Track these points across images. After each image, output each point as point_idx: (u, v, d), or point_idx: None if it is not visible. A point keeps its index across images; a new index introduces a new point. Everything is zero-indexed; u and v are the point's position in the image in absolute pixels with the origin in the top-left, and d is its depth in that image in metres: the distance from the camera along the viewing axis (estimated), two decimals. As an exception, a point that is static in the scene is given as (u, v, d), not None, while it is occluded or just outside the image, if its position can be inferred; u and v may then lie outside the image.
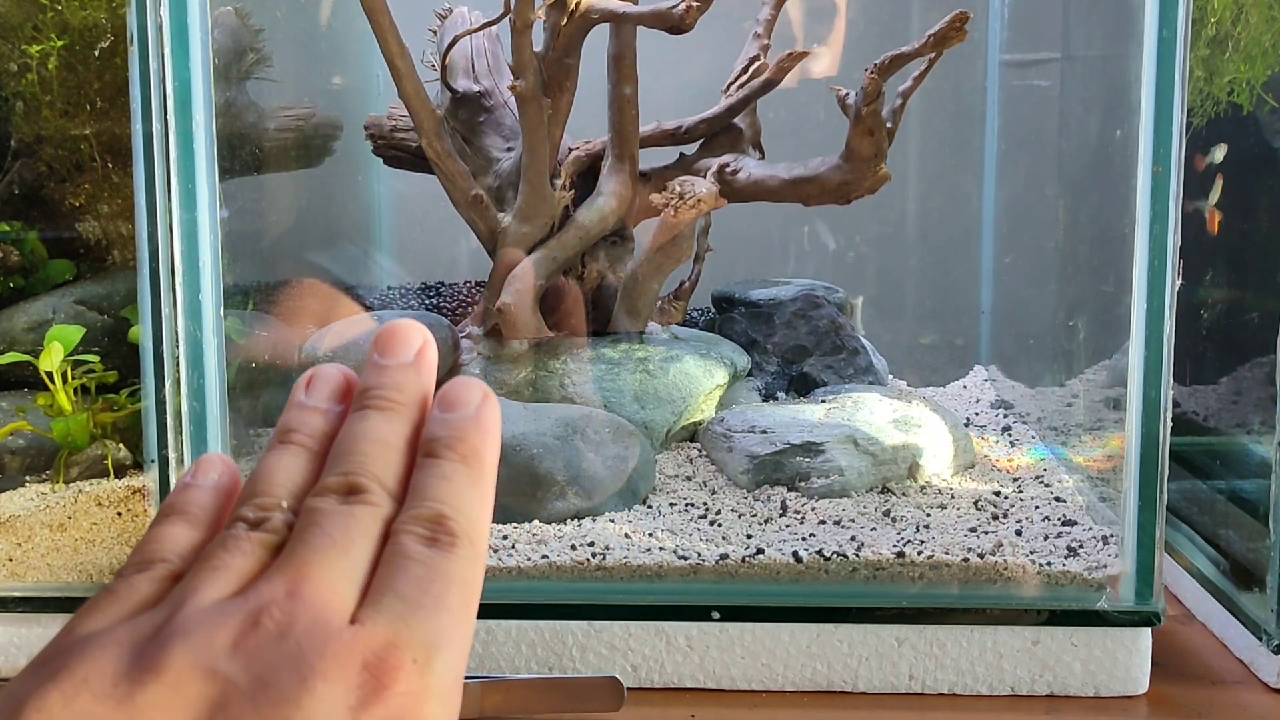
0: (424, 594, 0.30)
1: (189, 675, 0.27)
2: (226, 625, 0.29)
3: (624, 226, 1.10)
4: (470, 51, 1.11)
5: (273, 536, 0.32)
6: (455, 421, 0.34)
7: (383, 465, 0.33)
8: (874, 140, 0.95)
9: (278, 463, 0.34)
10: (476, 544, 0.32)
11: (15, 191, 1.02)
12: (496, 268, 1.06)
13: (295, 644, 0.28)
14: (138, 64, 0.80)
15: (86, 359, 0.96)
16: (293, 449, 0.35)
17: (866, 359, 1.19)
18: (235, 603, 0.30)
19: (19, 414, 0.96)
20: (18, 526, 0.89)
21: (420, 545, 0.31)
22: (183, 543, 0.34)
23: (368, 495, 0.32)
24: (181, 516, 0.34)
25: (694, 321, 1.25)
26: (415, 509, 0.32)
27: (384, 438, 0.34)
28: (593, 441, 0.94)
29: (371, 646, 0.29)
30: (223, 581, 0.31)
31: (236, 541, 0.32)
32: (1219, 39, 0.98)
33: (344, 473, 0.33)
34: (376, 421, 0.34)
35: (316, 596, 0.30)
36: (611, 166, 1.07)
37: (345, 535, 0.31)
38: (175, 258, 0.82)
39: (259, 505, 0.33)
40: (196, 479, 0.36)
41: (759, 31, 1.10)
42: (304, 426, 0.35)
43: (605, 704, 0.77)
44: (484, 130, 1.10)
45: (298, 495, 0.34)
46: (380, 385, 0.35)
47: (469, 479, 0.33)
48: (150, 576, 0.32)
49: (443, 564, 0.31)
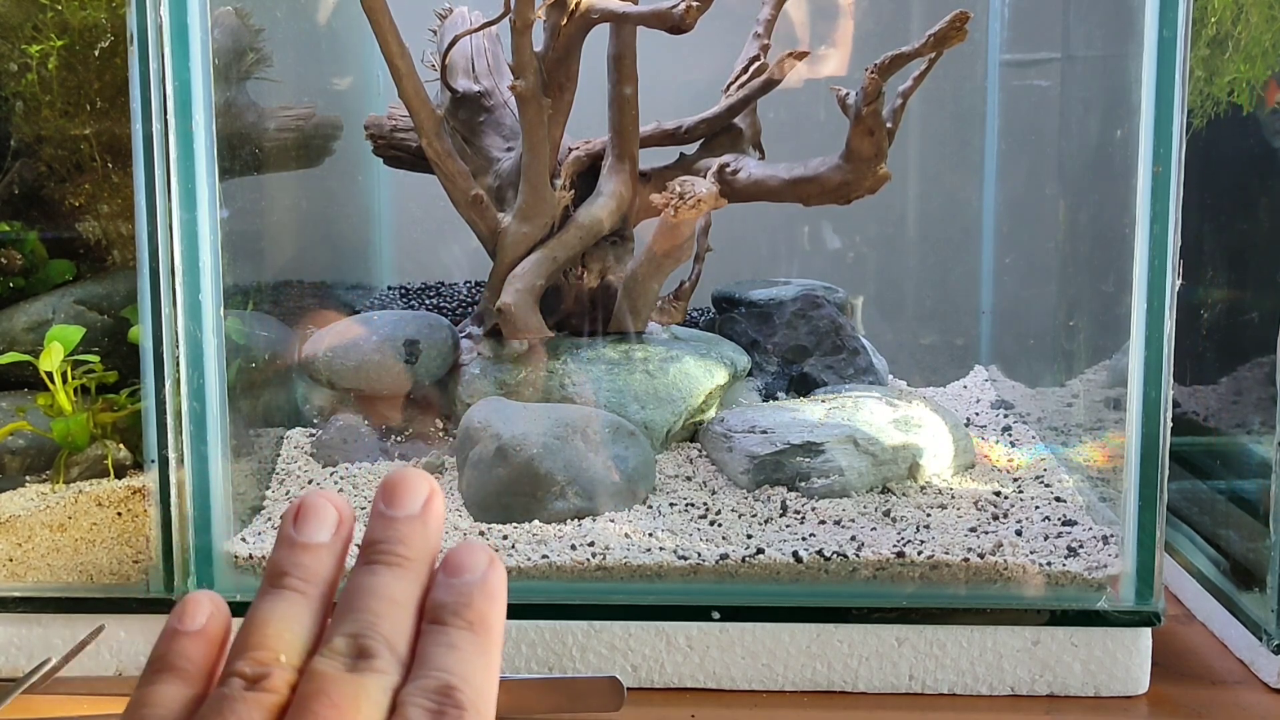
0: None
1: None
2: None
3: (624, 226, 1.10)
4: (470, 51, 1.11)
5: (272, 696, 0.31)
6: (461, 588, 0.34)
7: (391, 626, 0.32)
8: (874, 140, 0.95)
9: (271, 610, 0.33)
10: (484, 713, 0.32)
11: (15, 191, 1.02)
12: (496, 268, 1.06)
13: None
14: (138, 64, 0.80)
15: (86, 359, 0.96)
16: (287, 594, 0.33)
17: (866, 359, 1.19)
18: None
19: (19, 414, 0.96)
20: (18, 526, 0.89)
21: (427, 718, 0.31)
22: (175, 705, 0.32)
23: (376, 661, 0.32)
24: (171, 673, 0.33)
25: (694, 321, 1.25)
26: (423, 679, 0.32)
27: (393, 596, 0.33)
28: (593, 441, 0.94)
29: None
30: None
31: (233, 705, 0.31)
32: (1219, 39, 0.98)
33: (352, 634, 0.32)
34: (386, 578, 0.33)
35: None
36: (611, 166, 1.07)
37: (354, 707, 0.30)
38: (175, 258, 0.82)
39: (256, 660, 0.32)
40: (184, 624, 0.34)
41: (759, 31, 1.10)
42: (297, 569, 0.34)
43: (605, 704, 0.77)
44: (484, 130, 1.10)
45: (297, 648, 0.33)
46: (389, 539, 0.34)
47: (476, 647, 0.33)
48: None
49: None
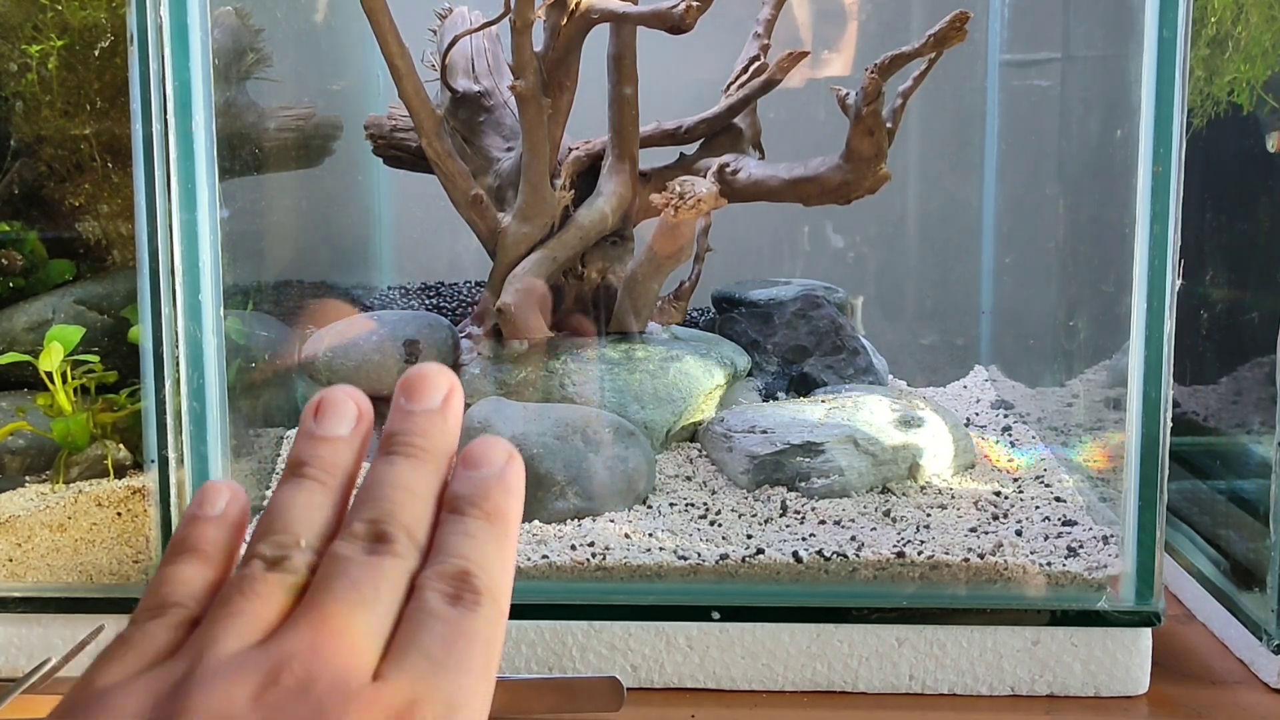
0: (448, 653, 0.30)
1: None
2: (247, 679, 0.28)
3: (624, 226, 1.10)
4: (470, 51, 1.11)
5: (292, 577, 0.32)
6: (480, 479, 0.34)
7: (410, 515, 0.33)
8: (874, 140, 0.95)
9: (293, 497, 0.34)
10: (499, 602, 0.32)
11: (15, 191, 1.02)
12: (496, 267, 1.06)
13: (316, 701, 0.28)
14: (138, 64, 0.80)
15: (86, 359, 0.96)
16: (307, 483, 0.34)
17: (866, 359, 1.19)
18: (255, 654, 0.29)
19: (19, 414, 0.96)
20: (18, 526, 0.89)
21: (445, 603, 0.31)
22: (196, 584, 0.33)
23: (395, 546, 0.32)
24: (192, 554, 0.34)
25: (694, 321, 1.25)
26: (440, 565, 0.32)
27: (412, 486, 0.33)
28: (593, 441, 0.94)
29: (393, 705, 0.29)
30: (242, 628, 0.30)
31: (253, 584, 0.31)
32: (1219, 39, 0.98)
33: (371, 520, 0.33)
34: (404, 469, 0.34)
35: (339, 652, 0.29)
36: (611, 166, 1.07)
37: (372, 587, 0.31)
38: (175, 258, 0.82)
39: (277, 543, 0.32)
40: (204, 510, 0.35)
41: (759, 31, 1.10)
42: (317, 460, 0.35)
43: (605, 704, 0.77)
44: (484, 130, 1.10)
45: (316, 533, 0.33)
46: (408, 431, 0.35)
47: (493, 536, 0.33)
48: (166, 623, 0.32)
49: (466, 623, 0.31)
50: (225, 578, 0.34)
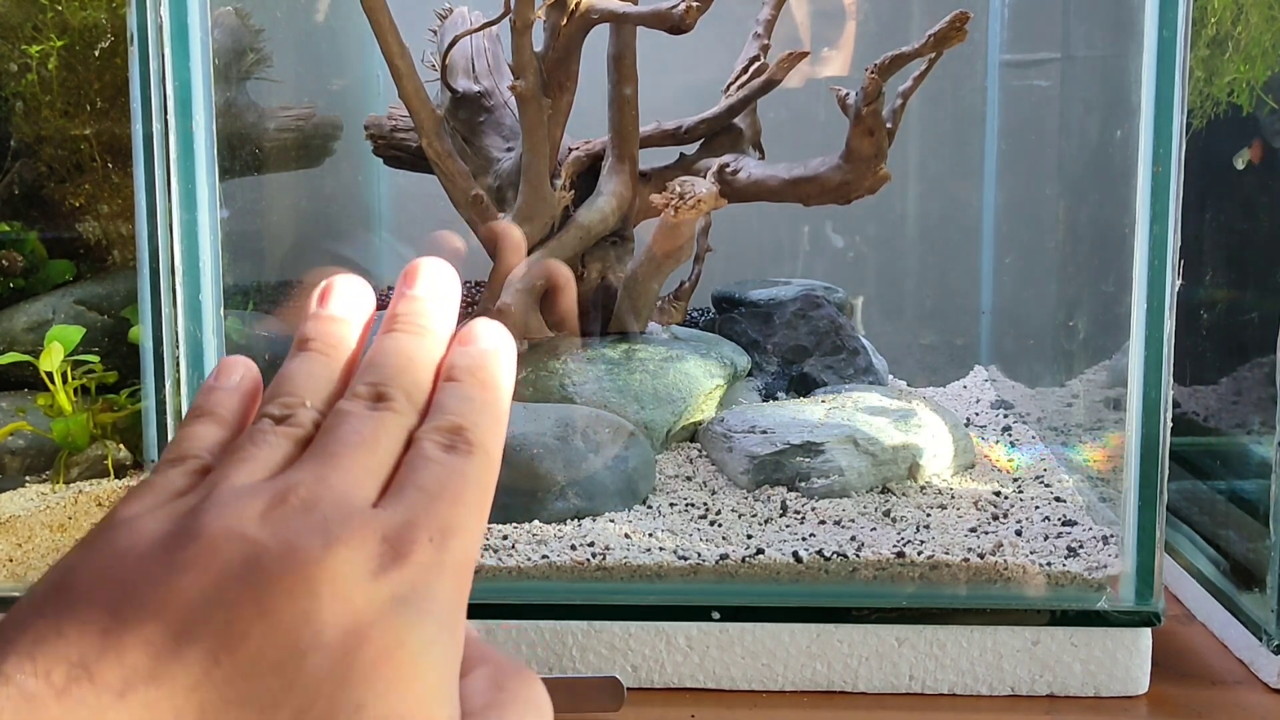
0: (442, 488, 0.32)
1: (222, 539, 0.29)
2: (257, 500, 0.30)
3: (624, 226, 1.10)
4: (470, 51, 1.11)
5: (299, 430, 0.34)
6: (475, 352, 0.37)
7: (409, 379, 0.35)
8: (874, 140, 0.95)
9: (300, 367, 0.36)
10: (491, 454, 0.34)
11: (15, 191, 1.02)
12: (496, 267, 1.06)
13: (320, 515, 0.30)
14: (138, 64, 0.80)
15: (86, 359, 0.96)
16: (313, 354, 0.37)
17: (866, 359, 1.19)
18: (264, 484, 0.31)
19: (19, 414, 0.96)
20: (18, 526, 0.89)
21: (440, 450, 0.33)
22: (211, 439, 0.35)
23: (394, 404, 0.34)
24: (209, 416, 0.36)
25: (694, 321, 1.25)
26: (436, 421, 0.34)
27: (411, 354, 0.36)
28: (593, 441, 0.94)
29: (391, 523, 0.31)
30: (252, 469, 0.32)
31: (263, 435, 0.34)
32: (1219, 39, 0.98)
33: (372, 382, 0.35)
34: (404, 341, 0.36)
35: (343, 481, 0.32)
36: (611, 167, 1.07)
37: (373, 434, 0.33)
38: (175, 258, 0.82)
39: (284, 404, 0.35)
40: (220, 381, 0.37)
41: (759, 31, 1.10)
42: (322, 335, 0.37)
43: (605, 704, 0.77)
44: (484, 130, 1.10)
45: (321, 395, 0.36)
46: (409, 311, 0.37)
47: (485, 401, 0.35)
48: (183, 470, 0.34)
49: (460, 465, 0.33)
50: (235, 437, 0.36)
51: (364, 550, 0.30)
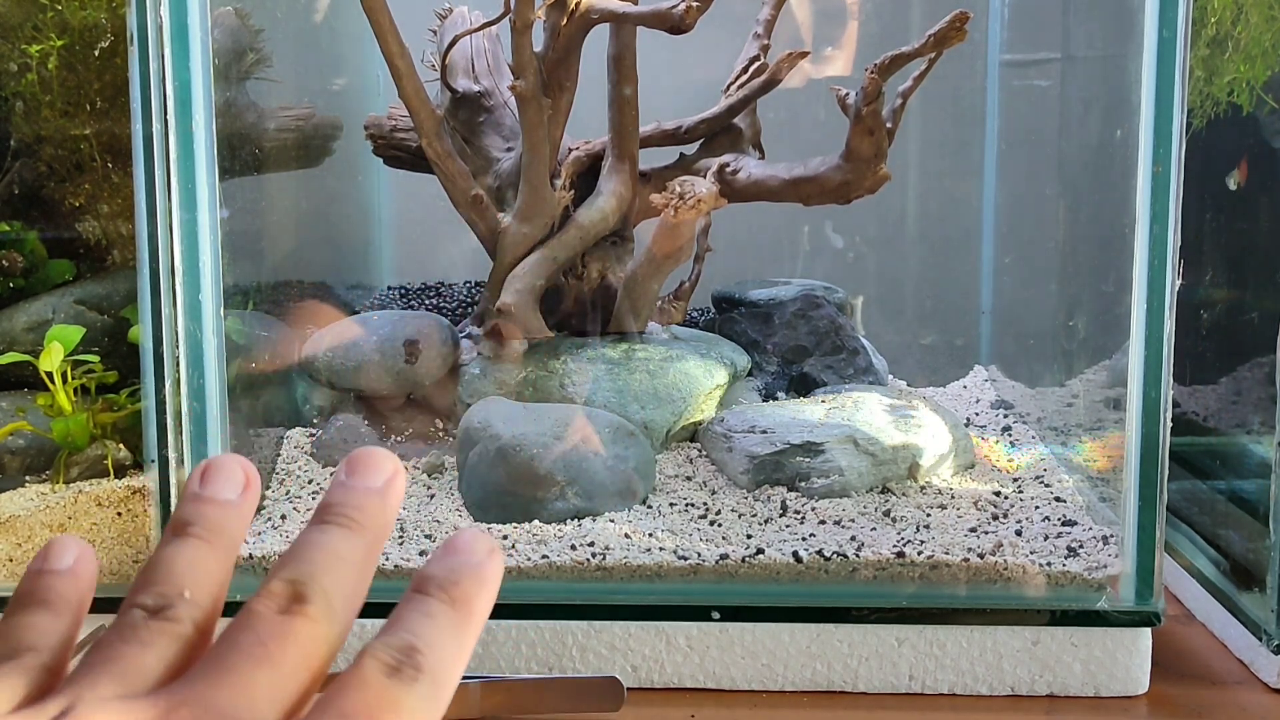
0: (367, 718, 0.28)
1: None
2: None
3: (624, 226, 1.10)
4: (470, 51, 1.11)
5: (176, 626, 0.30)
6: (454, 566, 0.32)
7: (332, 580, 0.31)
8: (874, 140, 0.95)
9: (177, 553, 0.32)
10: (440, 686, 0.30)
11: (15, 191, 1.02)
12: (496, 268, 1.06)
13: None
14: (138, 64, 0.80)
15: (86, 359, 0.96)
16: (191, 540, 0.32)
17: (866, 359, 1.19)
18: (142, 702, 0.27)
19: (19, 414, 0.96)
20: (18, 526, 0.89)
21: (380, 673, 0.29)
22: (49, 632, 0.31)
23: (309, 608, 0.30)
24: (40, 604, 0.32)
25: (694, 321, 1.25)
26: (388, 636, 0.30)
27: (339, 553, 0.32)
28: (593, 441, 0.94)
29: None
30: (123, 674, 0.28)
31: (134, 630, 0.29)
32: (1219, 39, 0.98)
33: (290, 580, 0.31)
34: (334, 536, 0.32)
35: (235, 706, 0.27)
36: (611, 167, 1.07)
37: (279, 647, 0.29)
38: (175, 258, 0.82)
39: (158, 593, 0.30)
40: (49, 564, 0.33)
41: (759, 31, 1.10)
42: (202, 519, 0.33)
43: (605, 704, 0.77)
44: (484, 130, 1.10)
45: (201, 588, 0.31)
46: (343, 503, 0.33)
47: (452, 623, 0.31)
48: (23, 667, 0.29)
49: (397, 694, 0.29)
50: (75, 634, 0.32)
51: None
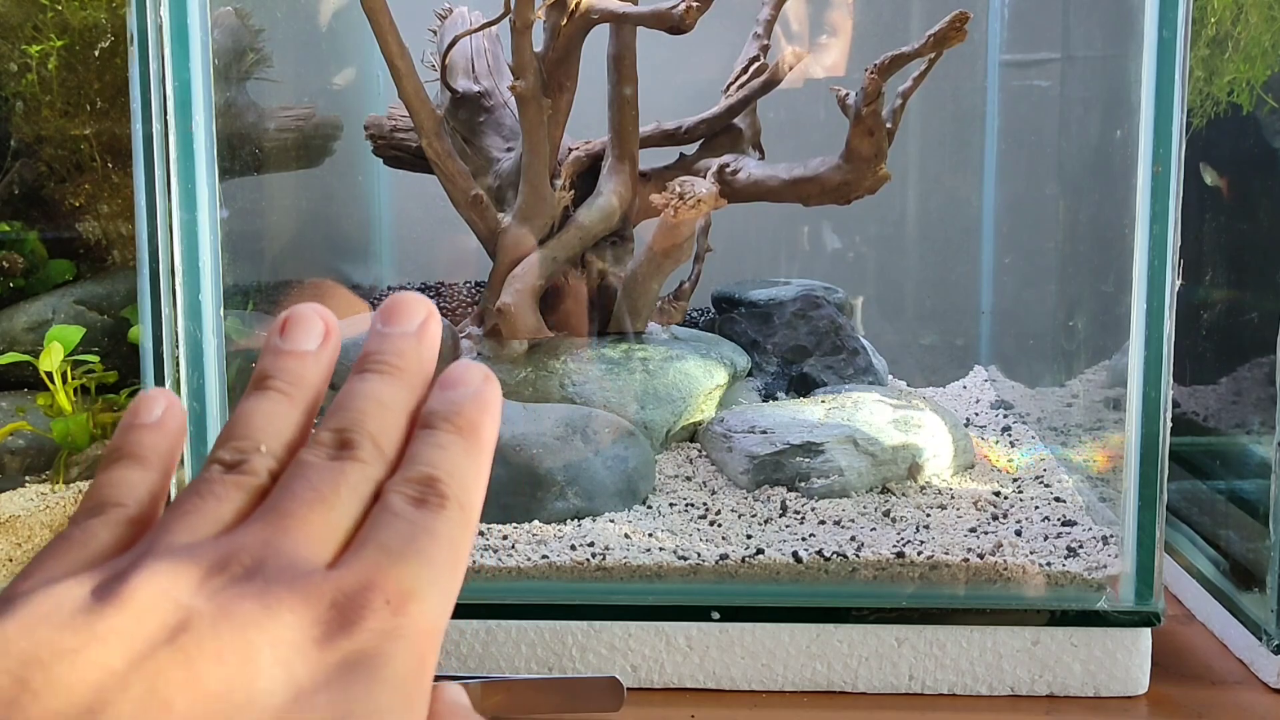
0: (406, 546, 0.30)
1: (151, 604, 0.27)
2: (196, 565, 0.28)
3: (624, 226, 1.10)
4: (470, 51, 1.11)
5: (250, 479, 0.31)
6: (454, 398, 0.34)
7: (377, 425, 0.33)
8: (874, 140, 0.95)
9: (255, 407, 0.33)
10: (467, 509, 0.31)
11: (15, 191, 1.02)
12: (496, 268, 1.06)
13: (263, 580, 0.28)
14: (138, 64, 0.80)
15: (86, 359, 0.96)
16: (270, 394, 0.34)
17: (866, 359, 1.19)
18: (206, 546, 0.29)
19: (19, 414, 0.96)
20: (18, 526, 0.89)
21: (408, 504, 0.31)
22: (136, 485, 0.32)
23: (359, 452, 0.32)
24: (130, 458, 0.33)
25: (694, 321, 1.25)
26: (407, 472, 0.32)
27: (381, 398, 0.33)
28: (593, 441, 0.94)
29: (343, 587, 0.28)
30: (195, 525, 0.30)
31: (210, 485, 0.31)
32: (1219, 39, 0.98)
33: (337, 429, 0.32)
34: (375, 383, 0.33)
35: (293, 543, 0.29)
36: (611, 167, 1.07)
37: (332, 489, 0.31)
38: (175, 258, 0.82)
39: (236, 448, 0.32)
40: (139, 418, 0.34)
41: (759, 31, 1.10)
42: (281, 372, 0.34)
43: (605, 704, 0.77)
44: (484, 130, 1.10)
45: (278, 440, 0.33)
46: (382, 351, 0.34)
47: (464, 449, 0.32)
48: (107, 521, 0.31)
49: (429, 521, 0.30)
50: (166, 484, 0.33)
51: (309, 615, 0.27)
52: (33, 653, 0.26)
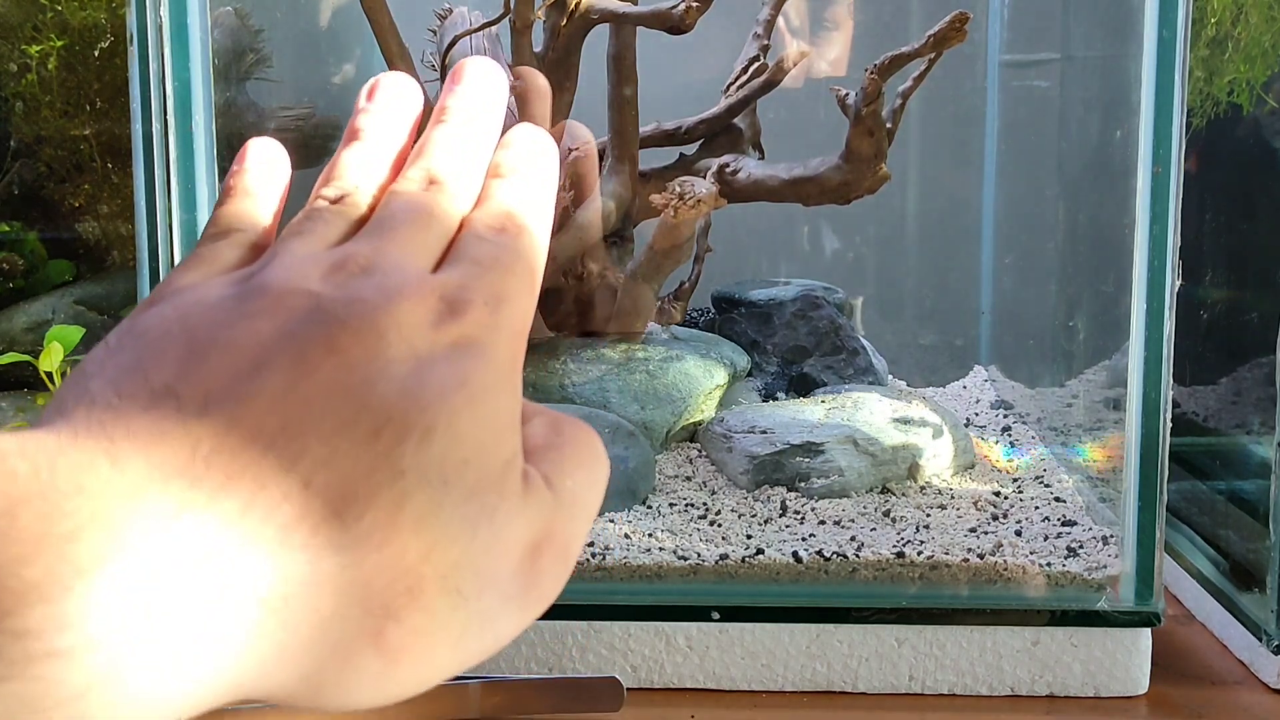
0: (494, 261, 0.33)
1: (288, 293, 0.30)
2: (317, 265, 0.31)
3: (624, 227, 1.10)
4: (470, 51, 1.11)
5: (355, 210, 0.35)
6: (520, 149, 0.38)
7: (459, 164, 0.36)
8: (874, 140, 0.95)
9: (351, 154, 0.37)
10: (538, 235, 0.35)
11: (15, 191, 1.02)
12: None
13: (380, 276, 0.31)
14: (138, 64, 0.80)
15: (86, 359, 0.96)
16: (363, 143, 0.37)
17: (866, 359, 1.19)
18: (324, 252, 0.32)
19: (19, 414, 0.96)
20: (17, 526, 0.89)
21: (490, 229, 0.34)
22: (255, 213, 0.36)
23: (445, 186, 0.35)
24: (243, 194, 0.37)
25: (694, 321, 1.25)
26: (485, 206, 0.36)
27: (462, 140, 0.37)
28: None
29: (448, 286, 0.32)
30: (310, 241, 0.33)
31: (319, 213, 0.35)
32: (1219, 39, 0.98)
33: (424, 167, 0.36)
34: (454, 129, 0.37)
35: (399, 251, 0.33)
36: (611, 167, 1.07)
37: (427, 212, 0.34)
38: (175, 258, 0.82)
39: (338, 186, 0.36)
40: (249, 163, 0.38)
41: (759, 32, 1.10)
42: (371, 125, 0.38)
43: (605, 704, 0.77)
44: (484, 130, 1.09)
45: (374, 180, 0.36)
46: (457, 105, 0.38)
47: (532, 188, 0.37)
48: (232, 243, 0.35)
49: (509, 242, 0.34)
50: (280, 209, 0.37)
51: (424, 305, 0.31)
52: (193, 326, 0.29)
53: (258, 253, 0.35)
